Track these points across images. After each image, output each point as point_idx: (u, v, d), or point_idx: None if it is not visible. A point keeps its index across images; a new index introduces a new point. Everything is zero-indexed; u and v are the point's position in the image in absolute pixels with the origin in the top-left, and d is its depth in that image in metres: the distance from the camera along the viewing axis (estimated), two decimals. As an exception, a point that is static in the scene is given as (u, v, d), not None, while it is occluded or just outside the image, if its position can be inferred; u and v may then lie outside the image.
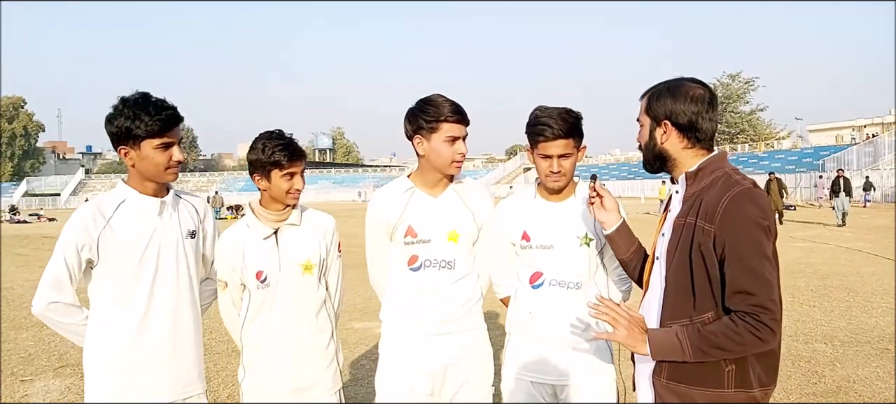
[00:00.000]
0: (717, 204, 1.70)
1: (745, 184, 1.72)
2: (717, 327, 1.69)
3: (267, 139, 2.33)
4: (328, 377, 2.45)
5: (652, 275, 1.93)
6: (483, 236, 2.43)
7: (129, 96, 2.14)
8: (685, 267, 1.77)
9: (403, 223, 2.31)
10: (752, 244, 1.66)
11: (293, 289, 2.37)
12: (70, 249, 2.11)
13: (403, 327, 2.35)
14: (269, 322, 2.38)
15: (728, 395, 1.73)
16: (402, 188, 2.37)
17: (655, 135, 1.88)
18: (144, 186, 2.20)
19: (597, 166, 63.24)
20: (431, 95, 2.30)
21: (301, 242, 2.40)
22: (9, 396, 4.69)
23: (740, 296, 1.66)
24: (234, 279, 2.42)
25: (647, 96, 1.92)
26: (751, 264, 1.65)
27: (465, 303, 2.35)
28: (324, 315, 2.45)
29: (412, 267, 2.33)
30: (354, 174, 75.80)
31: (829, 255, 11.55)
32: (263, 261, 2.35)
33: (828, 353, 5.32)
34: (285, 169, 2.31)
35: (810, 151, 46.59)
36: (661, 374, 1.81)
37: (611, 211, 2.10)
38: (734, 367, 1.72)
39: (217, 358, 5.41)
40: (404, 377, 2.31)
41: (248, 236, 2.40)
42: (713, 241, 1.70)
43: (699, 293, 1.75)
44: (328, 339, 2.46)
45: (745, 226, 1.67)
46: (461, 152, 2.28)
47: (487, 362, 2.41)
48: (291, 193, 2.35)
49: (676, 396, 1.79)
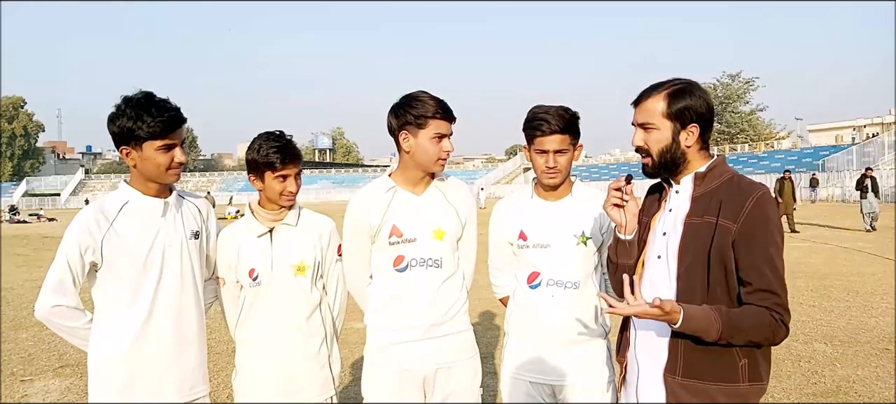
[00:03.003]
0: (743, 204, 1.74)
1: (764, 188, 1.78)
2: (745, 314, 1.72)
3: (264, 139, 2.34)
4: (317, 383, 2.42)
5: (652, 273, 1.91)
6: (466, 234, 2.41)
7: (131, 96, 2.12)
8: (702, 264, 1.78)
9: (387, 223, 2.28)
10: (775, 246, 1.74)
11: (284, 289, 2.37)
12: (73, 252, 2.10)
13: (391, 330, 2.30)
14: (259, 321, 2.39)
15: (743, 389, 1.77)
16: (383, 187, 2.33)
17: (679, 139, 1.84)
18: (147, 187, 2.20)
19: (597, 166, 63.24)
20: (417, 92, 2.27)
21: (295, 243, 2.40)
22: (9, 396, 4.69)
23: (764, 294, 1.72)
24: (231, 276, 2.43)
25: (663, 99, 1.84)
26: (775, 265, 1.73)
27: (452, 306, 2.33)
28: (317, 319, 2.43)
29: (398, 267, 2.29)
30: (354, 174, 75.72)
31: (829, 255, 11.55)
32: (256, 259, 2.36)
33: (828, 353, 5.32)
34: (278, 171, 2.31)
35: (810, 151, 46.59)
36: (676, 372, 1.80)
37: (634, 216, 2.00)
38: (747, 361, 1.76)
39: (217, 358, 5.41)
40: (394, 384, 2.28)
41: (244, 234, 2.41)
42: (734, 240, 1.74)
43: (714, 289, 1.77)
44: (319, 344, 2.43)
45: (770, 228, 1.74)
46: (447, 150, 2.26)
47: (476, 365, 2.39)
48: (284, 195, 2.35)
49: (694, 394, 1.78)
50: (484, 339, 5.85)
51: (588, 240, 2.32)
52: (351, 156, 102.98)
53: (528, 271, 2.37)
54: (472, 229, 2.43)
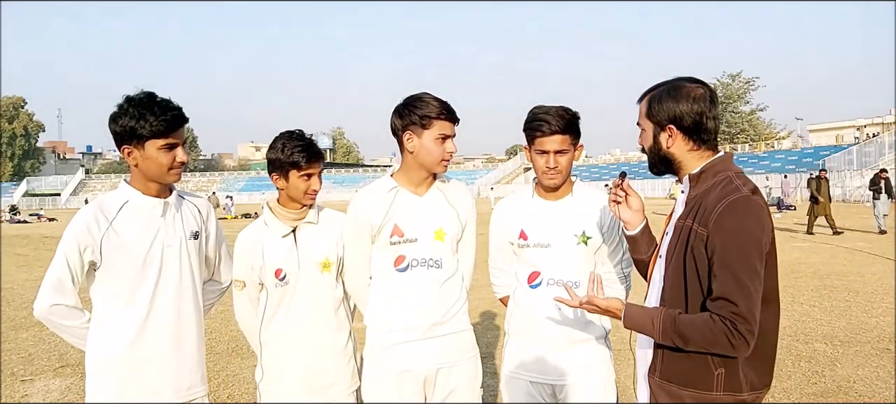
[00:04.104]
0: (713, 208, 1.70)
1: (743, 191, 1.70)
2: (692, 320, 1.69)
3: (287, 139, 2.34)
4: (346, 376, 2.45)
5: (655, 271, 1.94)
6: (466, 235, 2.41)
7: (134, 95, 2.13)
8: (680, 268, 1.78)
9: (389, 222, 2.28)
10: (741, 253, 1.64)
11: (312, 286, 2.37)
12: (72, 251, 2.10)
13: (393, 331, 2.30)
14: (288, 320, 2.38)
15: (716, 397, 1.73)
16: (385, 187, 2.33)
17: (660, 140, 1.85)
18: (147, 187, 2.19)
19: (597, 166, 63.26)
20: (420, 93, 2.27)
21: (319, 240, 2.41)
22: (9, 396, 4.69)
23: (722, 302, 1.65)
24: (253, 278, 2.42)
25: (646, 100, 1.88)
26: (736, 272, 1.64)
27: (453, 306, 2.33)
28: (342, 313, 2.46)
29: (399, 267, 2.29)
30: (354, 174, 75.73)
31: (829, 255, 11.55)
32: (283, 259, 2.36)
33: (828, 353, 5.32)
34: (303, 170, 2.32)
35: (810, 151, 46.57)
36: (655, 373, 1.83)
37: (636, 211, 2.06)
38: (724, 370, 1.72)
39: (217, 358, 5.41)
40: (395, 384, 2.28)
41: (267, 235, 2.40)
42: (705, 244, 1.70)
43: (691, 293, 1.76)
44: (346, 338, 2.46)
45: (736, 234, 1.65)
46: (450, 151, 2.26)
47: (477, 364, 2.39)
48: (309, 194, 2.36)
49: (668, 395, 1.80)
50: (484, 339, 5.85)
51: (589, 239, 2.32)
52: (351, 156, 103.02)
53: (528, 271, 2.37)
54: (471, 231, 2.43)
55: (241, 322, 2.55)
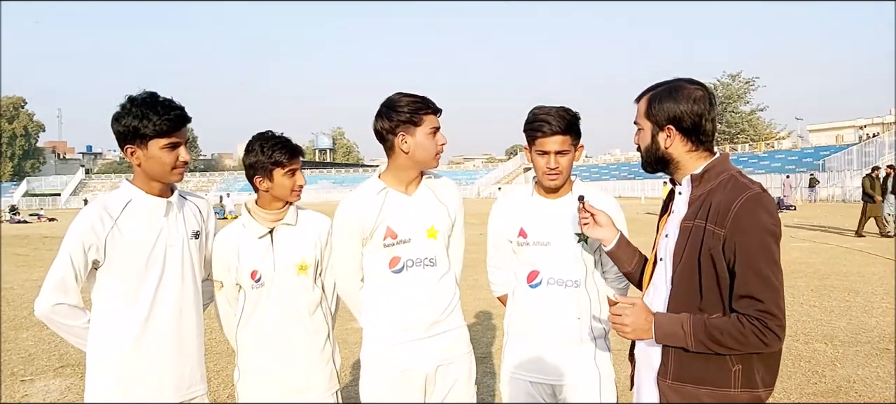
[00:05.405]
0: (729, 208, 1.71)
1: (754, 189, 1.73)
2: (722, 323, 1.70)
3: (263, 140, 2.35)
4: (323, 379, 2.44)
5: (654, 275, 1.93)
6: (455, 230, 2.42)
7: (136, 95, 2.13)
8: (693, 268, 1.77)
9: (381, 225, 2.26)
10: (762, 249, 1.67)
11: (288, 289, 2.37)
12: (77, 250, 2.10)
13: (392, 332, 2.29)
14: (264, 322, 2.38)
15: (734, 395, 1.74)
16: (374, 189, 2.31)
17: (658, 140, 1.86)
18: (150, 186, 2.20)
19: (597, 166, 63.26)
20: (395, 95, 2.25)
21: (296, 242, 2.40)
22: (9, 396, 4.69)
23: (748, 301, 1.67)
24: (230, 279, 2.43)
25: (645, 100, 1.89)
26: (760, 269, 1.66)
27: (449, 303, 2.34)
28: (319, 316, 2.45)
29: (394, 269, 2.28)
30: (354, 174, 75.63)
31: (829, 255, 11.54)
32: (258, 260, 2.36)
33: (828, 353, 5.32)
34: (287, 166, 2.34)
35: (810, 151, 46.58)
36: (667, 375, 1.81)
37: (606, 226, 2.09)
38: (741, 367, 1.73)
39: (217, 358, 5.41)
40: (396, 385, 2.28)
41: (244, 236, 2.41)
42: (723, 245, 1.71)
43: (707, 294, 1.76)
44: (324, 341, 2.45)
45: (756, 231, 1.68)
46: (442, 143, 2.28)
47: (472, 360, 2.40)
48: (295, 190, 2.37)
49: (682, 396, 1.79)
50: (483, 339, 5.85)
51: (588, 238, 2.31)
52: (351, 156, 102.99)
53: (527, 270, 2.37)
54: (460, 225, 2.44)
55: (220, 321, 2.56)
